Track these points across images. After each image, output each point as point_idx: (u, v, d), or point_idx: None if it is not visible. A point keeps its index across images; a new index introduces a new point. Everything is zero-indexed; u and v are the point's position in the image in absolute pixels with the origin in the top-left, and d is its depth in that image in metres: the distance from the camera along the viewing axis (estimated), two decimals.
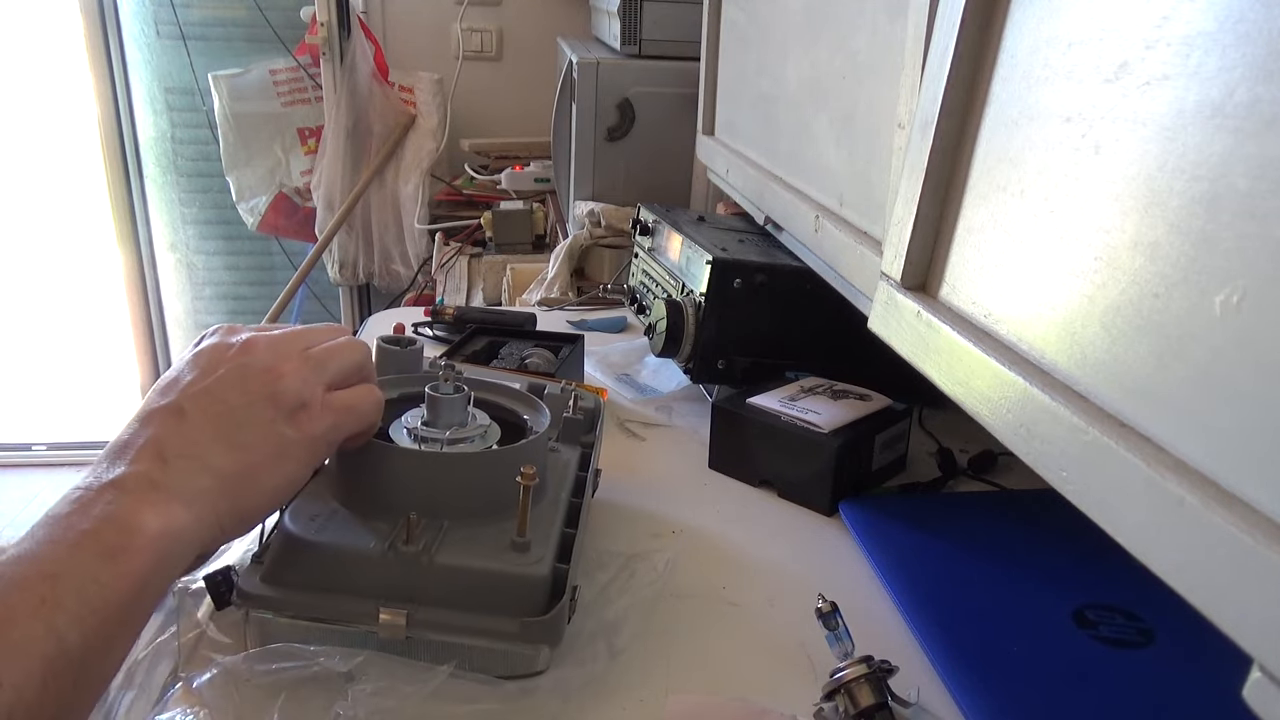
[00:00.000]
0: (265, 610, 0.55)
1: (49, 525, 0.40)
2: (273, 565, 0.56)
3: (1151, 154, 0.36)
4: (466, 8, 2.47)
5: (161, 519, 0.41)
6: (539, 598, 0.55)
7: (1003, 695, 0.56)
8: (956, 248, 0.51)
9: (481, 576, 0.55)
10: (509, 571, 0.55)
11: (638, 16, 1.55)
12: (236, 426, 0.45)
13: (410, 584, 0.54)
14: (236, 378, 0.46)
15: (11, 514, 2.58)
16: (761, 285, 0.93)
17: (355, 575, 0.55)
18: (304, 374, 0.48)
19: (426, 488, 0.58)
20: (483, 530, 0.57)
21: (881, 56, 0.66)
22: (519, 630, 0.54)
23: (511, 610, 0.55)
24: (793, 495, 0.82)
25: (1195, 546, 0.31)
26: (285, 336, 0.50)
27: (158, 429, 0.44)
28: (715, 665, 0.61)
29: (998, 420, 0.44)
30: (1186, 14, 0.34)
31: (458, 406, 0.61)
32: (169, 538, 0.41)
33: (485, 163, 2.39)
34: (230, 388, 0.46)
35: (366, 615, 0.54)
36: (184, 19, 2.48)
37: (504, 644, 0.54)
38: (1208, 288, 0.32)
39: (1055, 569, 0.69)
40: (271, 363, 0.47)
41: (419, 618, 0.54)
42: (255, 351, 0.48)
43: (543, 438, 0.64)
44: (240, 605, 0.55)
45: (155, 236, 2.71)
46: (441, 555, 0.55)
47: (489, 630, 0.54)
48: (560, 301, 1.43)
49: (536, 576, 0.55)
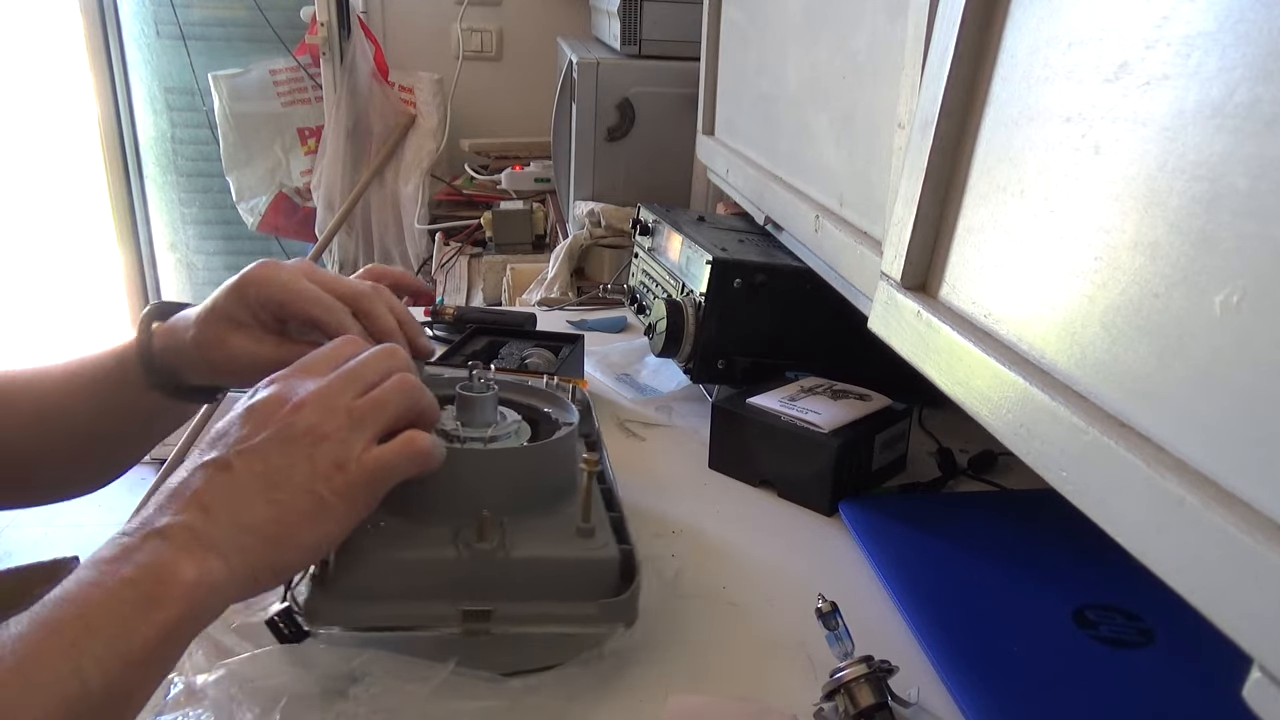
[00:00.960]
0: (350, 627, 0.54)
1: (91, 568, 0.42)
2: (345, 581, 0.54)
3: (1151, 154, 0.36)
4: (466, 8, 2.47)
5: (198, 570, 0.43)
6: (611, 579, 0.57)
7: (1003, 695, 0.56)
8: (956, 248, 0.51)
9: (557, 565, 0.56)
10: (584, 557, 0.57)
11: (638, 16, 1.55)
12: (277, 486, 0.47)
13: (488, 581, 0.55)
14: (281, 439, 0.48)
15: (12, 514, 2.58)
16: (761, 285, 0.93)
17: (434, 580, 0.55)
18: (344, 434, 0.49)
19: (488, 485, 0.58)
20: (540, 522, 0.58)
21: (881, 56, 0.66)
22: (598, 613, 0.56)
23: (587, 594, 0.56)
24: (793, 495, 0.82)
25: (1195, 546, 0.31)
26: (334, 387, 0.50)
27: (204, 482, 0.46)
28: (715, 665, 0.61)
29: (998, 420, 0.44)
30: (1186, 14, 0.34)
31: (490, 405, 0.62)
32: (204, 589, 0.43)
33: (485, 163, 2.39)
34: (274, 448, 0.47)
35: (450, 618, 0.54)
36: (184, 19, 2.48)
37: (585, 628, 0.56)
38: (1208, 288, 0.32)
39: (1055, 569, 0.69)
40: (315, 423, 0.48)
41: (501, 613, 0.55)
42: (302, 412, 0.49)
43: (577, 429, 0.65)
44: (317, 626, 0.54)
45: (155, 236, 2.71)
46: (516, 550, 0.56)
47: (569, 616, 0.56)
48: (560, 301, 1.43)
49: (609, 559, 0.57)
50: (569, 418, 0.66)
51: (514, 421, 0.63)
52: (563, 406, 0.68)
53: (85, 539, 2.29)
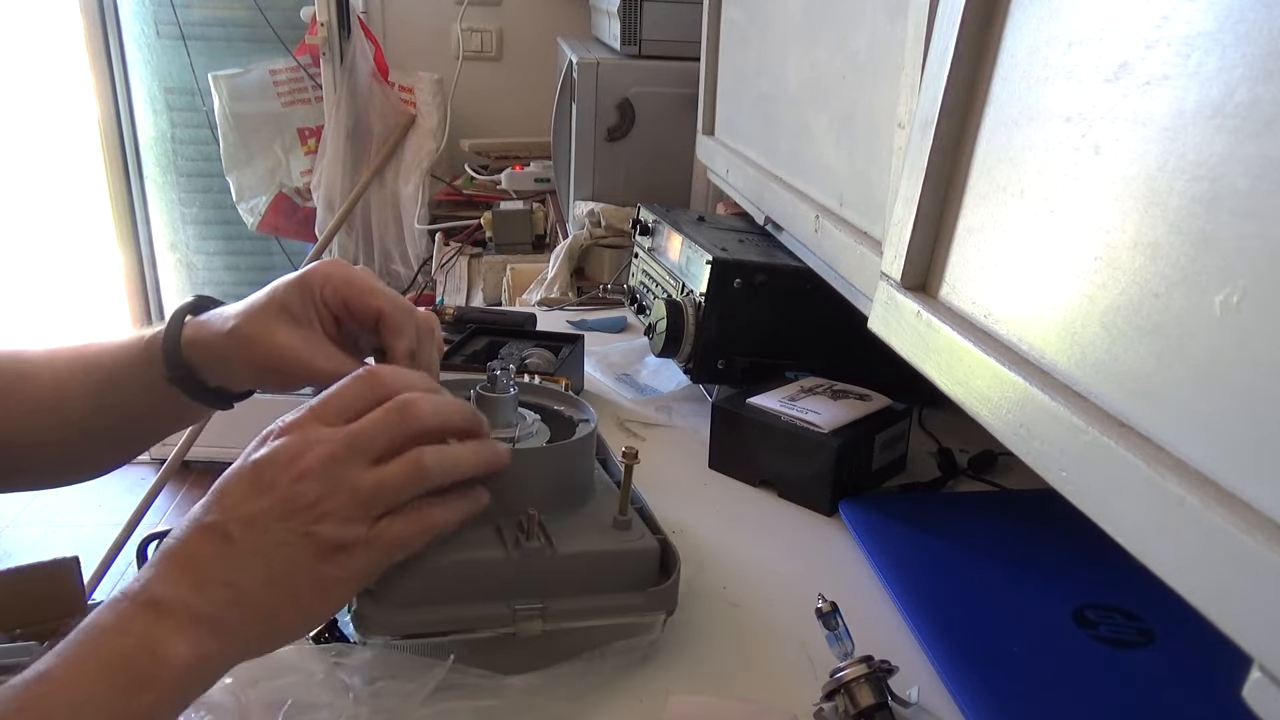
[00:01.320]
0: (403, 635, 0.54)
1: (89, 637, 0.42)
2: (397, 589, 0.54)
3: (1151, 154, 0.36)
4: (466, 8, 2.47)
5: (191, 648, 0.43)
6: (652, 568, 0.59)
7: (1003, 695, 0.56)
8: (956, 248, 0.51)
9: (603, 559, 0.58)
10: (627, 548, 0.58)
11: (638, 16, 1.55)
12: (276, 562, 0.46)
13: (537, 579, 0.56)
14: (281, 511, 0.46)
15: (12, 514, 2.58)
16: (761, 285, 0.93)
17: (486, 581, 0.55)
18: (347, 512, 0.47)
19: (522, 485, 0.58)
20: (573, 517, 0.59)
21: (881, 56, 0.66)
22: (644, 602, 0.58)
23: (630, 585, 0.58)
24: (793, 495, 0.82)
25: (1195, 546, 0.31)
26: (340, 454, 0.47)
27: (204, 549, 0.45)
28: (715, 665, 0.61)
29: (998, 420, 0.44)
30: (1186, 14, 0.34)
31: (512, 406, 0.62)
32: (195, 669, 0.43)
33: (485, 163, 2.39)
34: (274, 521, 0.46)
35: (504, 617, 0.55)
36: (184, 19, 2.48)
37: (631, 617, 0.58)
38: (1208, 288, 0.32)
39: (1055, 569, 0.69)
40: (319, 496, 0.46)
41: (553, 609, 0.56)
42: (307, 482, 0.46)
43: (596, 425, 0.66)
44: (369, 635, 0.54)
45: (155, 236, 2.71)
46: (561, 546, 0.56)
47: (615, 608, 0.58)
48: (560, 301, 1.43)
49: (651, 549, 0.59)
50: (584, 415, 0.67)
51: (534, 421, 0.64)
52: (576, 405, 0.69)
53: (85, 539, 2.29)
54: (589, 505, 0.61)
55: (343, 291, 0.58)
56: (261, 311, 0.58)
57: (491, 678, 0.54)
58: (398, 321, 0.58)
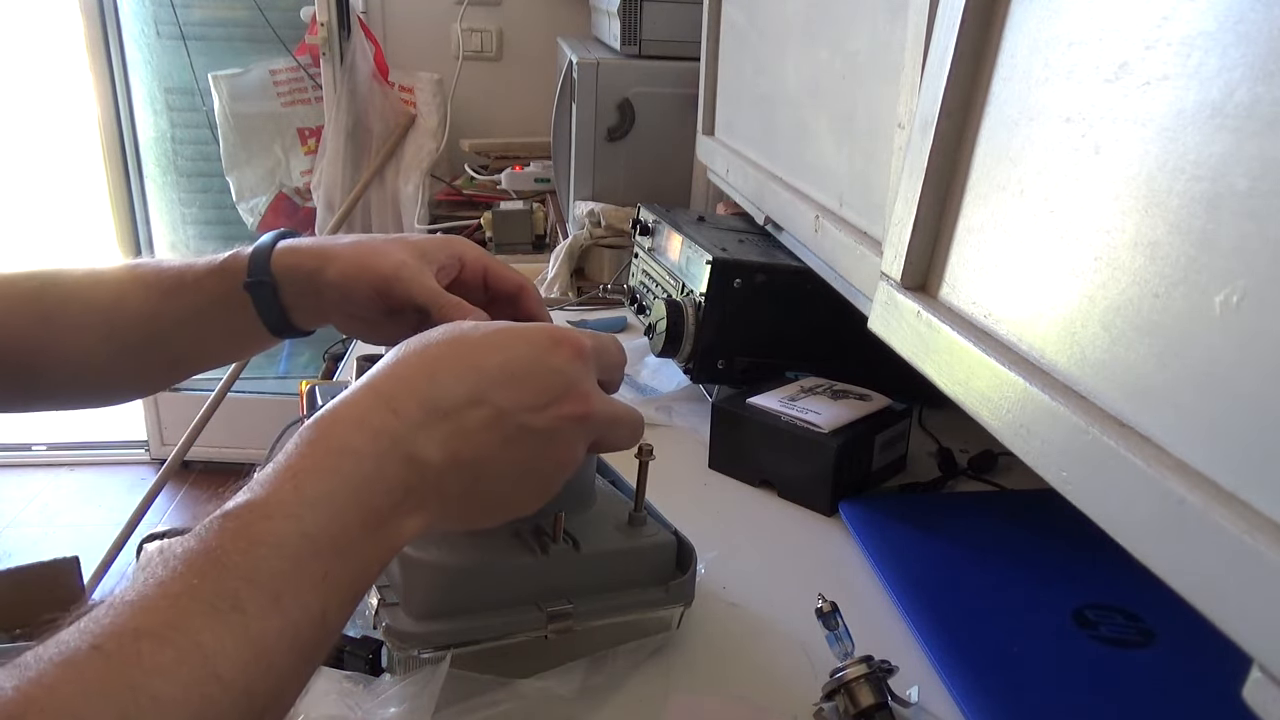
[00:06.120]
0: (440, 646, 0.53)
1: (360, 488, 0.39)
2: (425, 601, 0.53)
3: (1151, 154, 0.36)
4: (466, 8, 2.47)
5: (417, 526, 0.41)
6: (669, 562, 0.61)
7: (1003, 695, 0.56)
8: (956, 248, 0.51)
9: (623, 555, 0.59)
10: (646, 544, 0.60)
11: (638, 16, 1.55)
12: (527, 473, 0.45)
13: (562, 579, 0.56)
14: (550, 432, 0.44)
15: (12, 514, 2.58)
16: (761, 285, 0.93)
17: (515, 585, 0.55)
18: (581, 450, 0.46)
19: None
20: (585, 518, 0.60)
21: (881, 56, 0.66)
22: (665, 595, 0.60)
23: (650, 580, 0.59)
24: (793, 495, 0.82)
25: (1195, 546, 0.31)
26: (599, 423, 0.47)
27: (474, 432, 0.43)
28: (715, 665, 0.61)
29: (998, 420, 0.44)
30: (1186, 14, 0.34)
31: None
32: (410, 540, 0.42)
33: (485, 163, 2.39)
34: (541, 440, 0.44)
35: (537, 621, 0.55)
36: (184, 19, 2.48)
37: (655, 611, 0.60)
38: (1208, 288, 0.32)
39: (1055, 569, 0.69)
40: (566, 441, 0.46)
41: (580, 609, 0.56)
42: (588, 423, 0.45)
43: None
44: (407, 650, 0.53)
45: (155, 236, 2.71)
46: (585, 546, 0.57)
47: (638, 603, 0.59)
48: (560, 301, 1.43)
49: (668, 543, 0.61)
50: None
51: None
52: None
53: (85, 539, 2.29)
54: (596, 506, 0.62)
55: (484, 260, 0.61)
56: (397, 241, 0.58)
57: (492, 678, 0.54)
58: (538, 296, 0.62)
